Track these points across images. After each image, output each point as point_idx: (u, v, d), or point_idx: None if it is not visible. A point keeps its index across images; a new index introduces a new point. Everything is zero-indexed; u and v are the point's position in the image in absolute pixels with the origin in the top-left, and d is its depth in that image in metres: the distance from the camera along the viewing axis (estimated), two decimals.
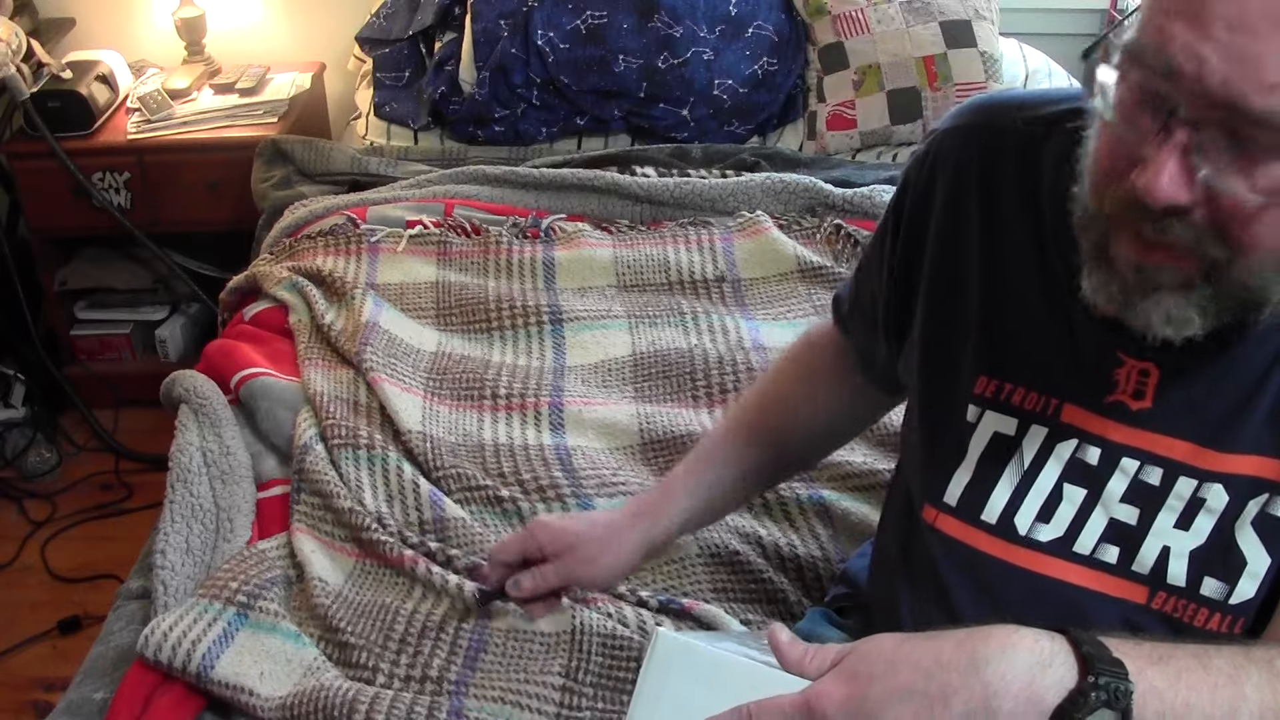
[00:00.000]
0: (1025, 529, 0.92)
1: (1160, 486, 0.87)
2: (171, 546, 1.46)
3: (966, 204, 0.96)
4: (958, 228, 0.97)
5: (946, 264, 0.98)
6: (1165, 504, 0.87)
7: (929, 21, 2.41)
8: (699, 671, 0.82)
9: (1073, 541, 0.90)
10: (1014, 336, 0.94)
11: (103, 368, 2.77)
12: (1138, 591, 0.89)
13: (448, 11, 2.56)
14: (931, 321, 1.00)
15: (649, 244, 2.10)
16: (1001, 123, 0.96)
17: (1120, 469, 0.89)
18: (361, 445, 1.59)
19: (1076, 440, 0.90)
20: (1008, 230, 0.94)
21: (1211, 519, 0.86)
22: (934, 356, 0.99)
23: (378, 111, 2.56)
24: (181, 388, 1.74)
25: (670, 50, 2.41)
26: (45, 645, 2.23)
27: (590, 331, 1.90)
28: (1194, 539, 0.86)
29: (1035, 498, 0.92)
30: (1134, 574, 0.89)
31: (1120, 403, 0.88)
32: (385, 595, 1.40)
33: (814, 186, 2.17)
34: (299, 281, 1.98)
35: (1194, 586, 0.86)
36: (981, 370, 0.95)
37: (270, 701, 1.24)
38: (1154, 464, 0.88)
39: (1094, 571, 0.90)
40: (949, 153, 0.98)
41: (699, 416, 1.68)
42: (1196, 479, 0.86)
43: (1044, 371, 0.92)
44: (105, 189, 2.57)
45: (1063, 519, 0.91)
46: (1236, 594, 0.85)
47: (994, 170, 0.95)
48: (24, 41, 2.53)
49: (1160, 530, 0.87)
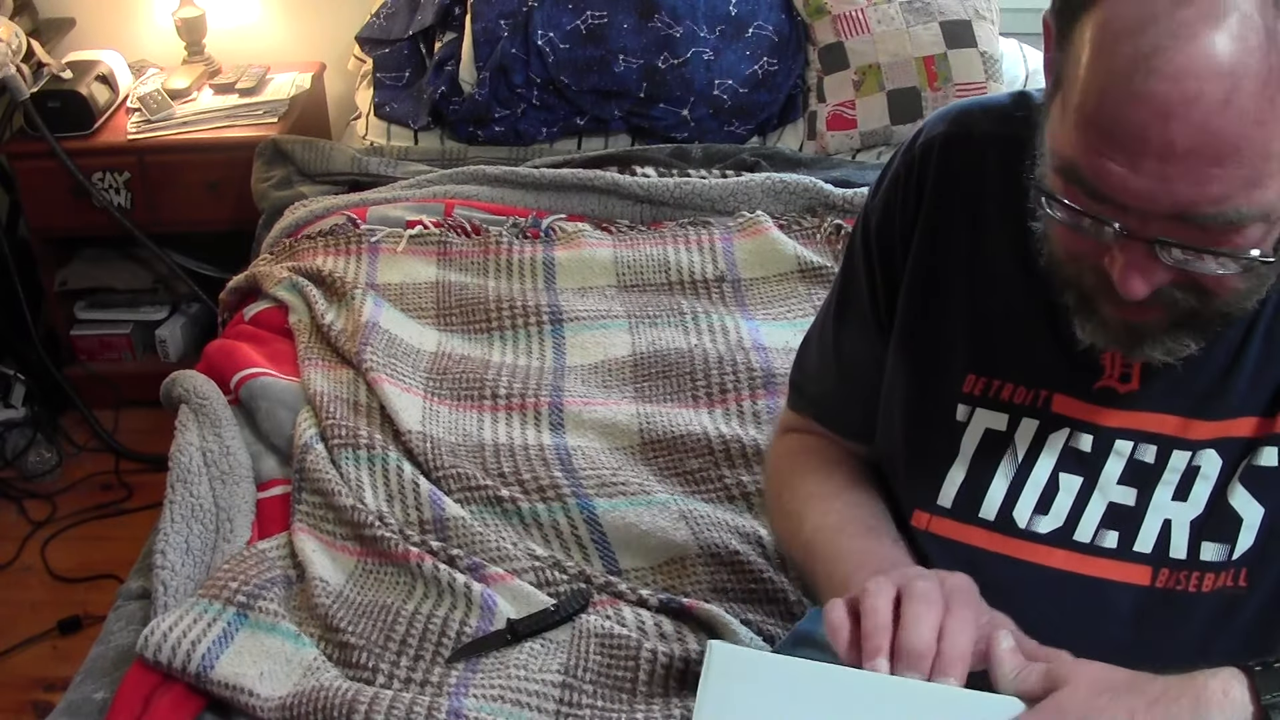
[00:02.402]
0: (1025, 522, 0.93)
1: (1155, 463, 0.89)
2: (171, 546, 1.46)
3: (950, 211, 0.97)
4: (941, 235, 0.97)
5: (930, 270, 0.98)
6: (1162, 479, 0.89)
7: (929, 21, 2.41)
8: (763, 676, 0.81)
9: (1073, 530, 0.92)
10: (1001, 333, 0.95)
11: (103, 368, 2.77)
12: (1141, 573, 0.90)
13: (448, 11, 2.56)
14: (915, 329, 1.00)
15: (649, 244, 2.10)
16: (981, 128, 0.96)
17: (1115, 452, 0.90)
18: (362, 445, 1.60)
19: (1069, 429, 0.92)
20: (990, 231, 0.95)
21: (1208, 485, 0.88)
22: (920, 362, 0.99)
23: (378, 111, 2.56)
24: (181, 388, 1.74)
25: (670, 50, 2.41)
26: (45, 645, 2.23)
27: (590, 332, 1.90)
28: (1193, 508, 0.89)
29: (1032, 490, 0.93)
30: (1136, 555, 0.90)
31: (1109, 388, 0.90)
32: (386, 595, 1.40)
33: (814, 186, 2.17)
34: (299, 281, 1.98)
35: (1194, 555, 0.88)
36: (970, 369, 0.96)
37: (270, 701, 1.24)
38: (1147, 442, 0.90)
39: (1096, 559, 0.91)
40: (933, 161, 0.98)
41: (699, 416, 1.68)
42: (1190, 449, 0.89)
43: (1032, 365, 0.93)
44: (105, 189, 2.57)
45: (1061, 509, 0.92)
46: (1237, 549, 0.87)
47: (976, 175, 0.96)
48: (24, 41, 2.53)
49: (1159, 505, 0.89)
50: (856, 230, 1.06)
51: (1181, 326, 0.81)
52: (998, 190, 0.94)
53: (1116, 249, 0.77)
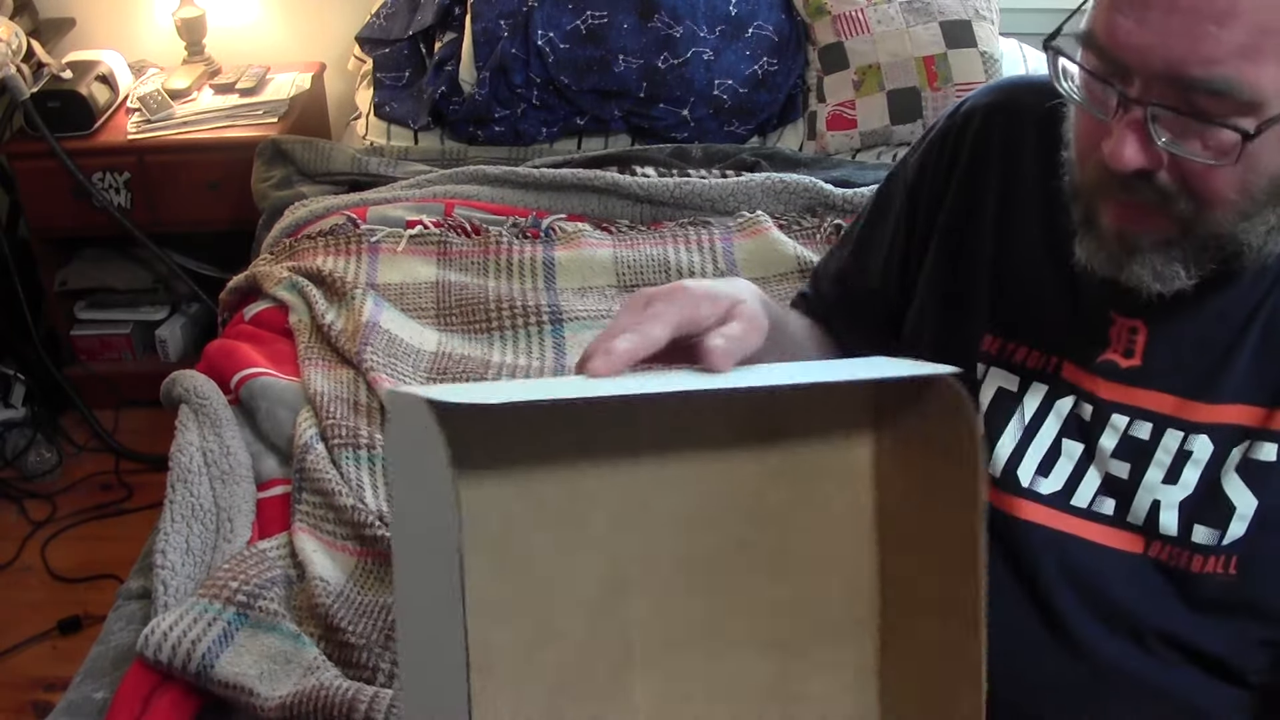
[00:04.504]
0: (1027, 481, 0.94)
1: (1149, 441, 0.91)
2: (171, 546, 1.46)
3: (985, 177, 1.00)
4: (976, 199, 1.00)
5: (959, 233, 1.01)
6: (1154, 459, 0.90)
7: (929, 21, 2.41)
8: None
9: (1071, 494, 0.93)
10: (1022, 298, 0.97)
11: (103, 368, 2.77)
12: (1135, 541, 0.92)
13: (448, 11, 2.56)
14: (944, 286, 1.02)
15: (649, 244, 2.10)
16: (1026, 101, 0.99)
17: (1111, 425, 0.92)
18: (362, 445, 1.60)
19: (1074, 397, 0.94)
20: (1022, 201, 0.98)
21: (1198, 470, 0.89)
22: (945, 319, 1.02)
23: (378, 111, 2.56)
24: (181, 388, 1.74)
25: (670, 50, 2.41)
26: (45, 645, 2.23)
27: (590, 332, 1.90)
28: (1182, 490, 0.90)
29: (1035, 451, 0.95)
30: (1130, 525, 0.92)
31: (1111, 361, 0.92)
32: (386, 595, 1.40)
33: (814, 186, 2.17)
34: (299, 281, 1.98)
35: (1185, 535, 0.90)
36: (987, 329, 0.98)
37: (270, 701, 1.24)
38: (1143, 419, 0.91)
39: (1093, 524, 0.93)
40: (974, 128, 1.01)
41: None
42: (1183, 431, 0.90)
43: (1046, 331, 0.95)
44: (105, 189, 2.57)
45: (1061, 472, 0.94)
46: (1228, 536, 0.89)
47: (1015, 146, 0.99)
48: (24, 41, 2.53)
49: (1150, 485, 0.90)
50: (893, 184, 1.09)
51: (1173, 245, 0.82)
52: (1033, 163, 0.97)
53: (1115, 125, 0.79)
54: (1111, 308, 0.91)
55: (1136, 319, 0.91)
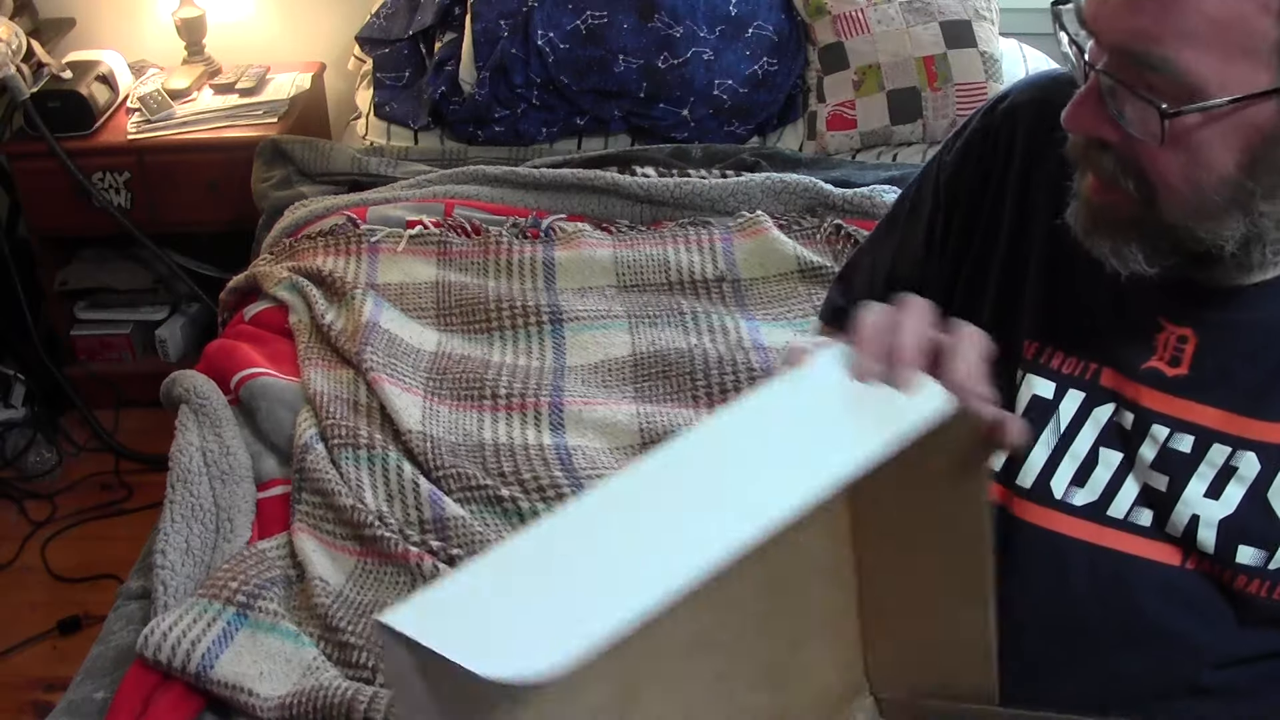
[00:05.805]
0: (1060, 493, 0.92)
1: (1191, 454, 0.88)
2: (171, 546, 1.46)
3: (1040, 175, 0.97)
4: (1030, 198, 0.98)
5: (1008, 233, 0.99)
6: (1196, 472, 0.88)
7: (929, 22, 2.41)
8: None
9: (1107, 505, 0.91)
10: (1065, 303, 0.94)
11: (103, 368, 2.77)
12: (1173, 553, 0.89)
13: (448, 11, 2.56)
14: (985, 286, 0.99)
15: (649, 244, 2.10)
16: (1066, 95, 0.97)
17: (1150, 436, 0.89)
18: (361, 445, 1.60)
19: (1114, 404, 0.91)
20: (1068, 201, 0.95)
21: (1242, 487, 0.87)
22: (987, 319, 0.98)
23: (378, 111, 2.56)
24: (181, 388, 1.74)
25: (670, 50, 2.41)
26: (45, 645, 2.23)
27: (590, 332, 1.90)
28: (1223, 508, 0.87)
29: (1071, 461, 0.92)
30: (1168, 536, 0.89)
31: (1156, 369, 0.89)
32: (386, 595, 1.40)
33: (814, 186, 2.17)
34: (299, 281, 1.98)
35: (1228, 555, 0.87)
36: (1026, 335, 0.96)
37: (269, 701, 1.24)
38: (1185, 431, 0.88)
39: (1129, 535, 0.90)
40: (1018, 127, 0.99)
41: (699, 416, 1.68)
42: (1230, 446, 0.87)
43: (1086, 337, 0.93)
44: (105, 189, 2.57)
45: (1098, 482, 0.91)
46: (1276, 559, 0.86)
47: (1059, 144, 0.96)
48: (24, 41, 2.53)
49: (1190, 499, 0.88)
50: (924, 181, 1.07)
51: (1130, 227, 0.82)
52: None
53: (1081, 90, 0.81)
54: (1161, 313, 0.88)
55: (1186, 327, 0.88)
